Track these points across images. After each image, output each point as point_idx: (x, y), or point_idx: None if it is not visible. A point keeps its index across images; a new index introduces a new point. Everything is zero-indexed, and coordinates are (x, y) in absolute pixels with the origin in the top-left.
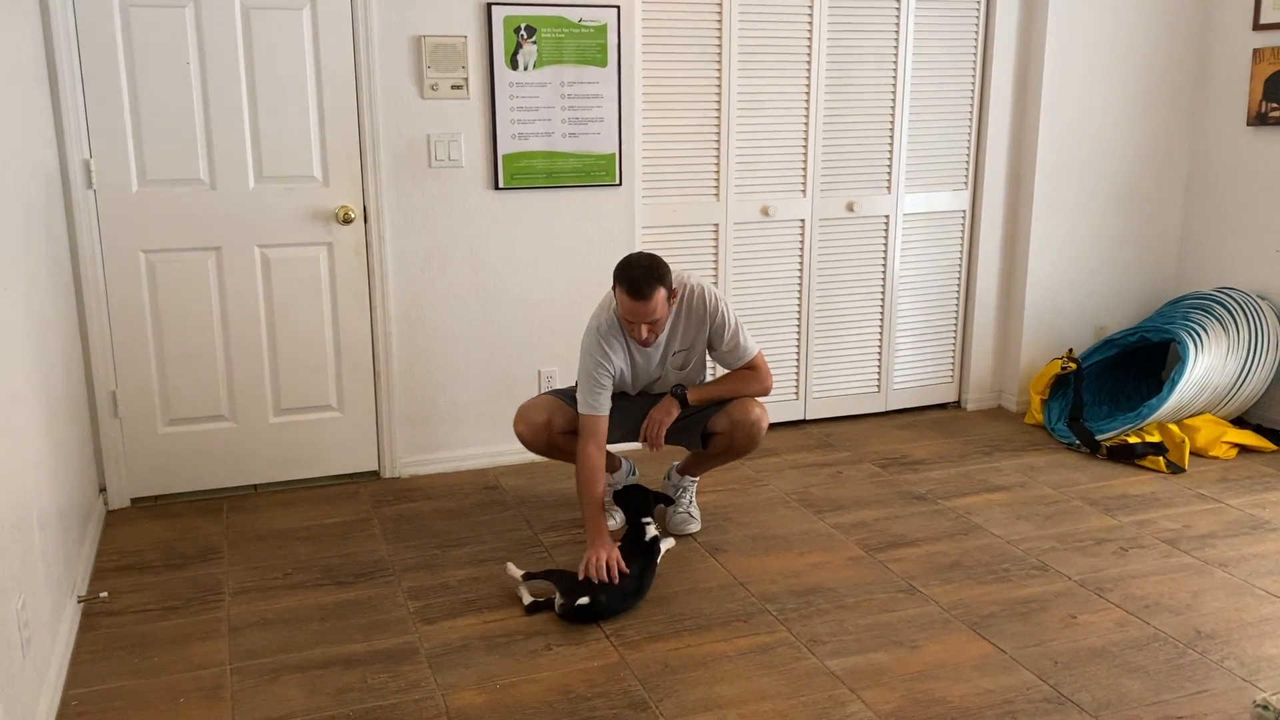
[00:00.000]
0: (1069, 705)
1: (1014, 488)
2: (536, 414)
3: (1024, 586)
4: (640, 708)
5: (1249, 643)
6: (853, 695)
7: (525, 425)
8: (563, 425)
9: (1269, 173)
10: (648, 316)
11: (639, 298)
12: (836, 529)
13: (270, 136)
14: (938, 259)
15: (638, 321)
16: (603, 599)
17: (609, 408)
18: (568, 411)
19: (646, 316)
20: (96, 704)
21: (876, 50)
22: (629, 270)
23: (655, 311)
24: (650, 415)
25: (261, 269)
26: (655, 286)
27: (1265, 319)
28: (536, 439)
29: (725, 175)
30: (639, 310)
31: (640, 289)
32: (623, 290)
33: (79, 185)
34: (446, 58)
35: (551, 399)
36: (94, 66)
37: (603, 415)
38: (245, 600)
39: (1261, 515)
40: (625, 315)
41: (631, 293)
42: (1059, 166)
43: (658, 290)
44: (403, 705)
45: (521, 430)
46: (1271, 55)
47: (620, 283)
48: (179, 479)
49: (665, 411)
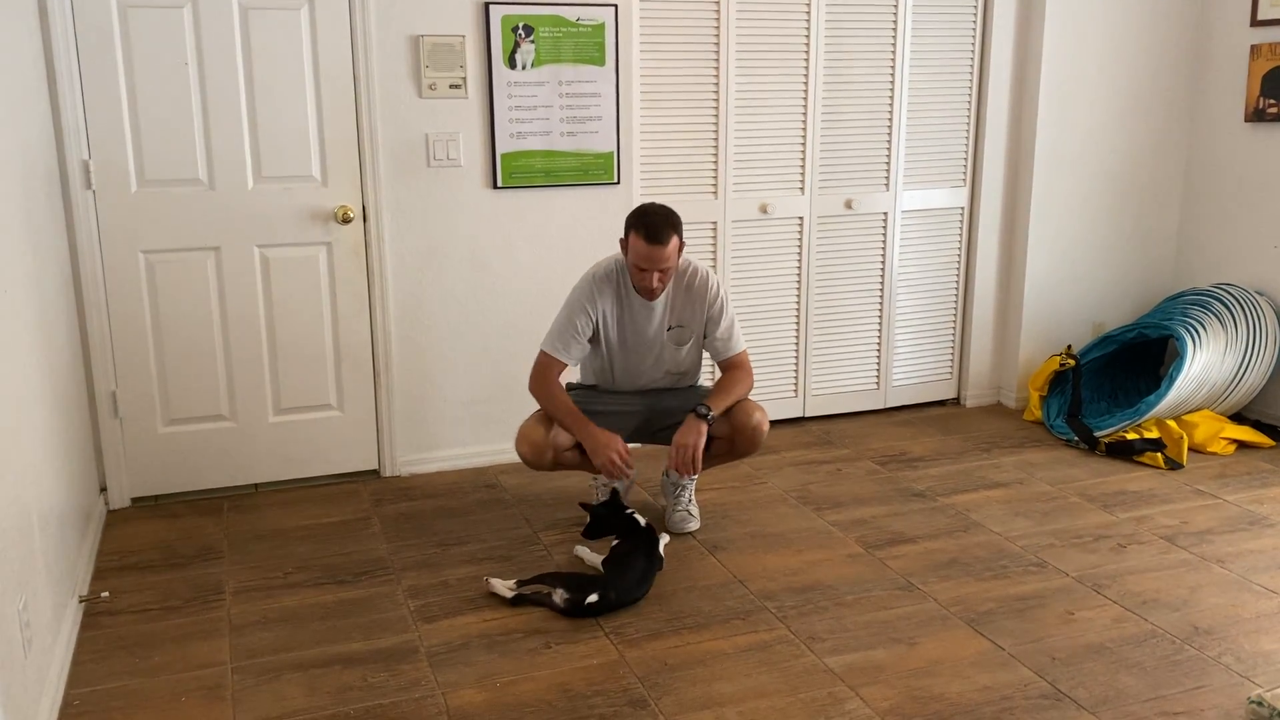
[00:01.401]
0: (1066, 701)
1: (1012, 484)
2: (537, 434)
3: (1022, 583)
4: (639, 705)
5: (1246, 639)
6: (851, 692)
7: (529, 446)
8: (566, 443)
9: (1267, 169)
10: (661, 263)
11: (656, 242)
12: (835, 526)
13: (269, 136)
14: (936, 256)
15: (651, 268)
16: (612, 595)
17: (575, 360)
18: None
19: (660, 263)
20: (98, 703)
21: (874, 47)
22: (646, 216)
23: (669, 259)
24: (679, 443)
25: (261, 269)
26: (671, 233)
27: (1263, 315)
28: (540, 459)
29: (723, 173)
30: (654, 255)
31: (658, 233)
32: (639, 236)
33: (78, 186)
34: (445, 57)
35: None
36: (92, 67)
37: (564, 363)
38: (246, 599)
39: (1259, 511)
40: (638, 263)
41: (649, 237)
42: (1057, 163)
43: (673, 237)
44: (403, 704)
45: (525, 451)
46: (1269, 51)
47: (636, 228)
48: (179, 479)
49: (697, 434)
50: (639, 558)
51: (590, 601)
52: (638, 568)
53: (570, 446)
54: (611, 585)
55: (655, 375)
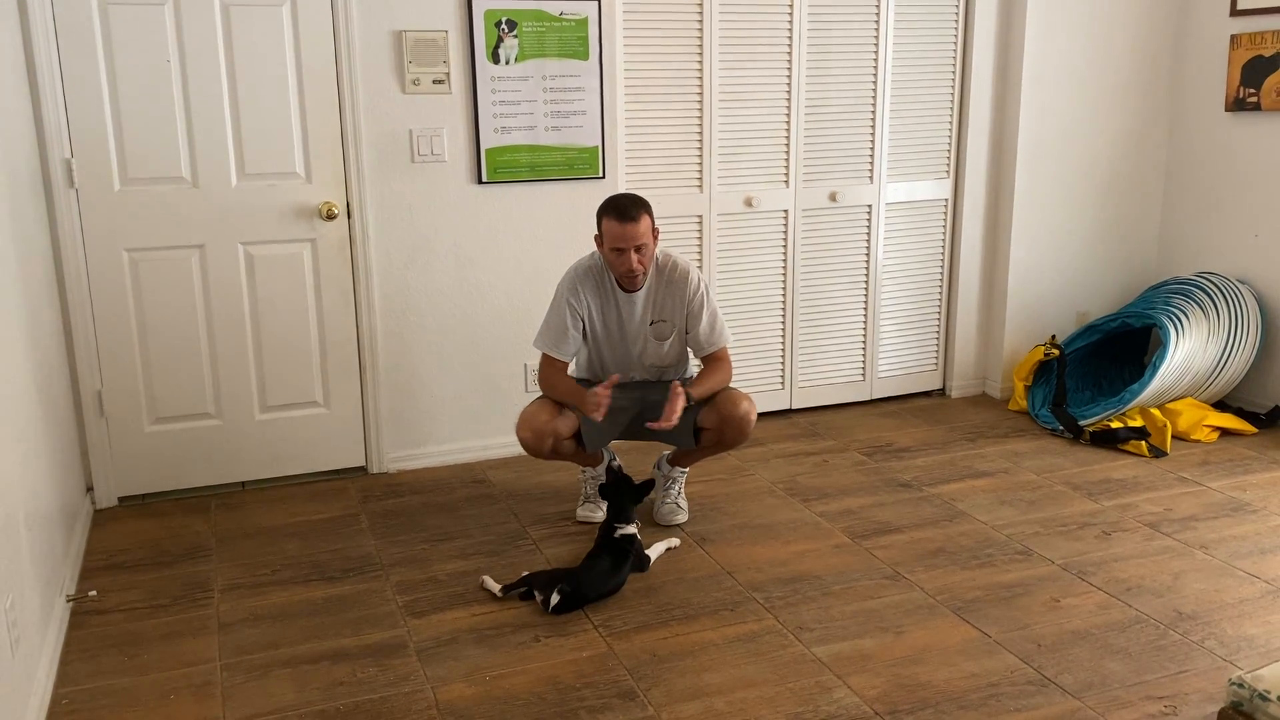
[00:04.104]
0: (1052, 687)
1: (998, 474)
2: (540, 420)
3: (1008, 571)
4: (628, 697)
5: (1229, 623)
6: (839, 681)
7: (530, 431)
8: (567, 431)
9: (1247, 158)
10: (635, 240)
11: (626, 219)
12: (822, 517)
13: (252, 133)
14: (920, 248)
15: (627, 247)
16: (568, 589)
17: (572, 355)
18: (571, 417)
19: (634, 240)
20: (87, 702)
21: (857, 40)
22: (613, 199)
23: (643, 236)
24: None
25: (245, 266)
26: (640, 211)
27: (1245, 303)
28: (541, 445)
29: (708, 167)
30: (627, 233)
31: (628, 210)
32: (611, 218)
33: (60, 184)
34: (427, 52)
35: (554, 404)
36: (73, 65)
37: (565, 361)
38: (234, 597)
39: (1242, 497)
40: (613, 244)
41: (619, 215)
42: (1040, 154)
43: (643, 215)
44: (392, 698)
45: (526, 437)
46: (1249, 41)
47: (607, 212)
48: (166, 477)
49: (674, 392)
50: (604, 558)
51: (555, 602)
52: (602, 567)
53: (569, 435)
54: (573, 578)
55: (641, 369)
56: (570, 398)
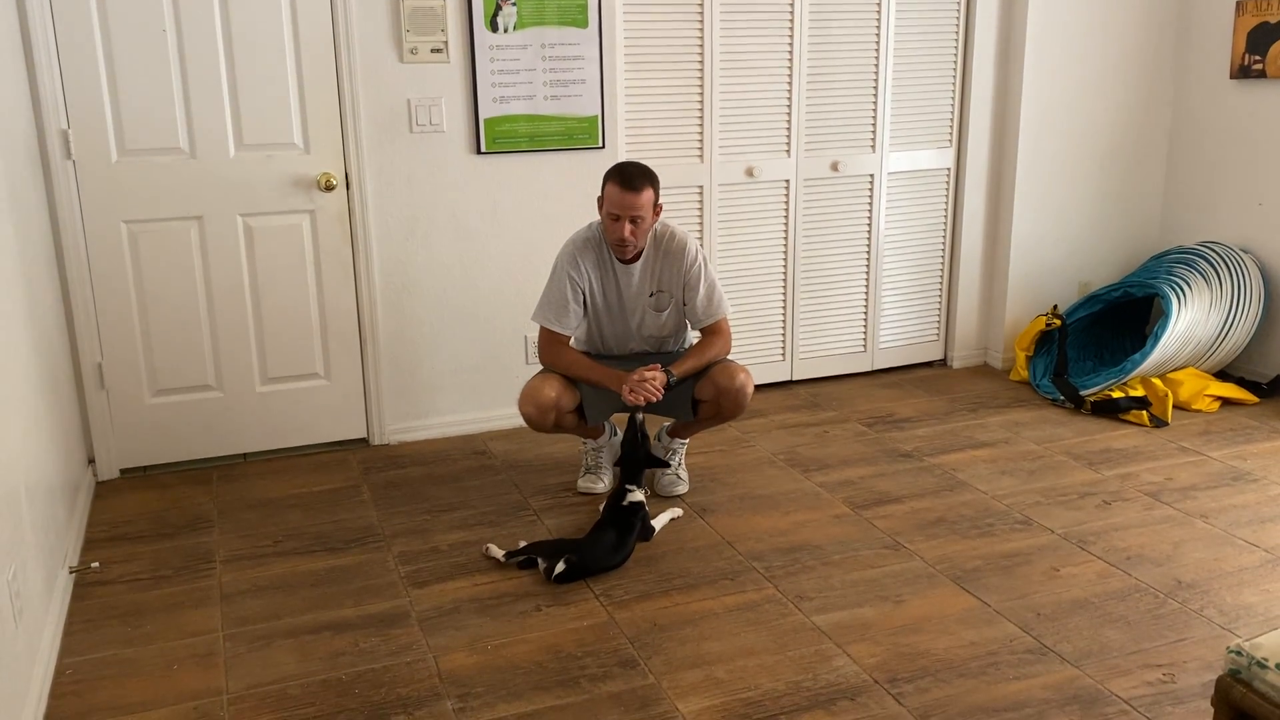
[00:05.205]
0: (1051, 656)
1: (999, 444)
2: (543, 395)
3: (1008, 541)
4: (629, 665)
5: (1228, 592)
6: (838, 649)
7: (534, 407)
8: (570, 404)
9: (1252, 126)
10: (634, 210)
11: (629, 188)
12: (823, 488)
13: (250, 104)
14: (923, 217)
15: (623, 215)
16: (574, 559)
17: (574, 328)
18: (574, 391)
19: (632, 209)
20: (90, 672)
21: (859, 7)
22: (623, 165)
23: (641, 208)
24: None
25: (244, 238)
26: (645, 183)
27: (1248, 272)
28: (544, 420)
29: (709, 136)
30: (625, 201)
31: (632, 180)
32: (614, 183)
33: (57, 156)
34: (425, 21)
35: (557, 378)
36: (69, 36)
37: (565, 335)
38: (236, 568)
39: (1242, 467)
40: (610, 209)
41: (623, 183)
42: (1043, 123)
43: (647, 188)
44: (394, 668)
45: (529, 412)
46: (1254, 7)
47: (613, 176)
48: (167, 449)
49: (653, 369)
50: (610, 531)
51: (559, 571)
52: (607, 541)
53: (572, 409)
54: (579, 549)
55: (639, 341)
56: (585, 373)
